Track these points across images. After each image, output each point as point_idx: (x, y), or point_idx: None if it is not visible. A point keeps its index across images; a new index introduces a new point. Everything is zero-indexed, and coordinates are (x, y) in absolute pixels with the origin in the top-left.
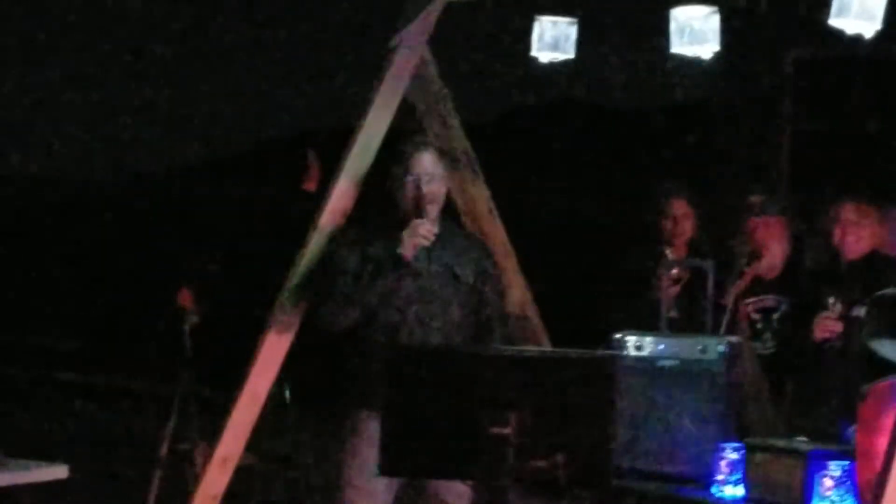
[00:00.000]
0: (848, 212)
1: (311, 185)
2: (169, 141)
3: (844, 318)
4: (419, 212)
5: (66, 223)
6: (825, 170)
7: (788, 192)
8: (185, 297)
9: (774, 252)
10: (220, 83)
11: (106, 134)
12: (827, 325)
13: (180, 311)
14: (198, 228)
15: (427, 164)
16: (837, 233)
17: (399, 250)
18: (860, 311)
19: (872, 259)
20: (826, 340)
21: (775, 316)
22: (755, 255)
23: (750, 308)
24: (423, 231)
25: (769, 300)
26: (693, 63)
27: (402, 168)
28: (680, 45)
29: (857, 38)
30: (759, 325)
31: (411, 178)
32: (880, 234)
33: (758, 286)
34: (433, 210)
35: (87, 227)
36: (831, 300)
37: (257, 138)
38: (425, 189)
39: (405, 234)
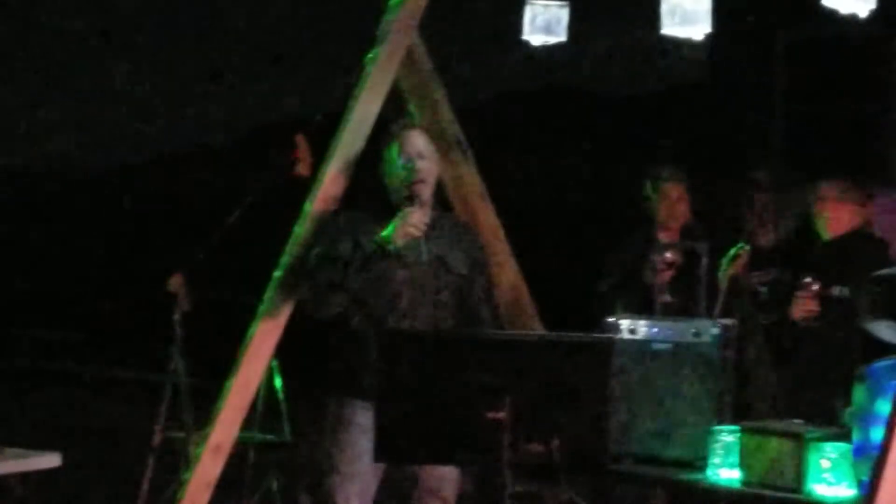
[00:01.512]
0: (827, 191)
1: (301, 171)
2: (158, 130)
3: (822, 297)
4: (411, 192)
5: (53, 215)
6: (818, 151)
7: (781, 173)
8: (177, 285)
9: (784, 226)
10: (208, 70)
11: (96, 124)
12: (804, 305)
13: (171, 299)
14: (188, 216)
15: (417, 143)
16: (818, 211)
17: (389, 239)
18: (836, 291)
19: (852, 239)
20: (805, 320)
21: (780, 288)
22: (750, 237)
23: (755, 281)
24: (415, 220)
25: (774, 272)
26: (685, 45)
27: (391, 149)
28: (671, 27)
29: (851, 18)
30: (763, 298)
31: (402, 159)
32: (862, 214)
33: (762, 259)
34: (425, 190)
35: (77, 217)
36: (807, 280)
37: (248, 125)
38: (417, 167)
39: (396, 223)
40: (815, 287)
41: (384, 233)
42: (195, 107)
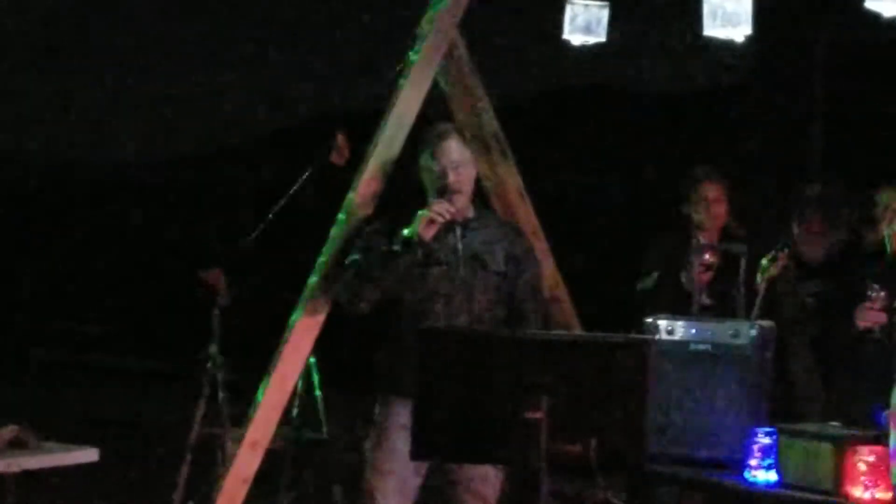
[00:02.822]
0: (893, 201)
1: (335, 160)
2: (197, 123)
3: (888, 308)
4: (447, 199)
5: (95, 207)
6: (857, 154)
7: (832, 186)
8: (216, 279)
9: (827, 240)
10: (249, 64)
11: (132, 117)
12: (870, 316)
13: (210, 293)
14: (228, 211)
15: (452, 151)
16: (882, 224)
17: (415, 232)
18: None
19: None
20: (868, 330)
21: (827, 302)
22: (790, 242)
23: (803, 293)
24: (438, 208)
25: (821, 285)
26: (726, 46)
27: (426, 156)
28: (713, 28)
29: (893, 22)
30: (810, 310)
31: (437, 167)
32: None
33: (810, 272)
34: (461, 199)
35: (117, 210)
36: (874, 289)
37: (288, 120)
38: (452, 177)
39: (421, 213)
40: (883, 294)
41: (410, 227)
42: (233, 101)
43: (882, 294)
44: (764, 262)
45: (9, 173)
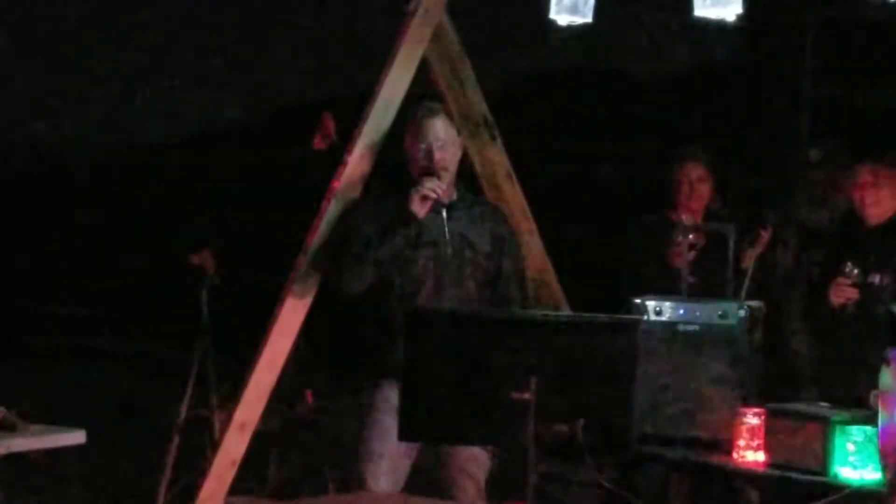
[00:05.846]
0: (865, 175)
1: (316, 144)
2: (186, 107)
3: (861, 284)
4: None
5: (83, 190)
6: (847, 133)
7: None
8: (205, 260)
9: (838, 205)
10: (236, 48)
11: (122, 100)
12: (843, 291)
13: (200, 273)
14: (217, 193)
15: (438, 130)
16: (857, 197)
17: (409, 207)
18: (876, 278)
19: (893, 224)
20: (843, 306)
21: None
22: (773, 219)
23: (807, 261)
24: (431, 185)
25: (825, 253)
26: (715, 26)
27: (413, 135)
28: (703, 8)
29: (882, 1)
30: (815, 278)
31: (423, 146)
32: None
33: (815, 239)
34: (446, 176)
35: (105, 193)
36: (848, 266)
37: (276, 104)
38: (437, 155)
39: (413, 190)
40: (856, 273)
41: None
42: (223, 84)
43: (855, 271)
44: (748, 239)
45: None
